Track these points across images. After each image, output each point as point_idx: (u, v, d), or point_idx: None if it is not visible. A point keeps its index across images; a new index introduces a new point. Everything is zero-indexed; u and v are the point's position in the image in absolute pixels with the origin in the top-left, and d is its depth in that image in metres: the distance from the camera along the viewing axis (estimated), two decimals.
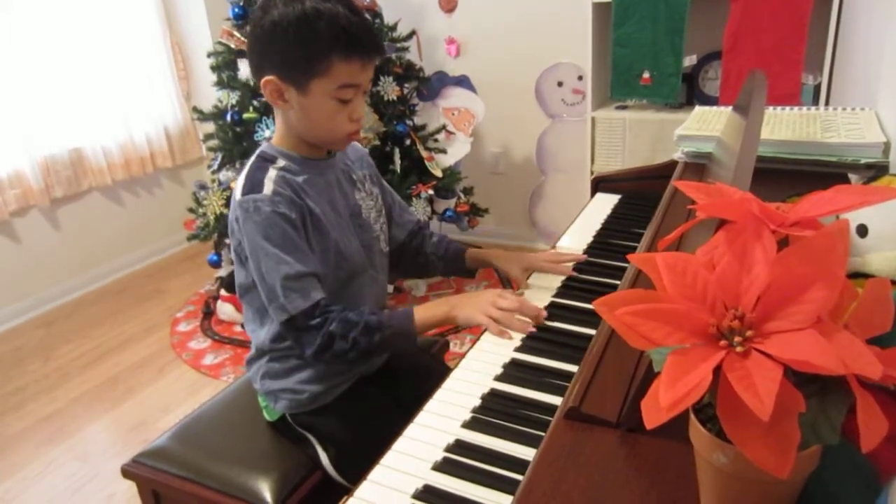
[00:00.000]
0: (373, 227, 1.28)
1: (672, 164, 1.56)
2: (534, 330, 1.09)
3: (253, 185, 1.11)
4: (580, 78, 3.00)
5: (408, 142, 2.73)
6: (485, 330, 1.15)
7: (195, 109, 2.77)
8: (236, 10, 2.51)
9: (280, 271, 1.07)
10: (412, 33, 2.80)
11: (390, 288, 2.87)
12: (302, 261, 1.09)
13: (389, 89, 2.58)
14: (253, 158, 1.17)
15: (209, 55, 2.73)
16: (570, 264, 1.33)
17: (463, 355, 1.07)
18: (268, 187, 1.10)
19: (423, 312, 1.14)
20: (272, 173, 1.12)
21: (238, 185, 1.14)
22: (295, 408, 1.24)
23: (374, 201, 1.31)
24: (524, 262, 1.33)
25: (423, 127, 2.81)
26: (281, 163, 1.15)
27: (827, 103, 2.25)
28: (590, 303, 0.96)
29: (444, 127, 2.86)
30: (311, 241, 1.14)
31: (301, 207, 1.12)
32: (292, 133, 1.17)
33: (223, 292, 2.82)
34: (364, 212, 1.26)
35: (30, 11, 2.89)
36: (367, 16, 2.61)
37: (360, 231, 1.25)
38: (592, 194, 1.78)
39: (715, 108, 1.69)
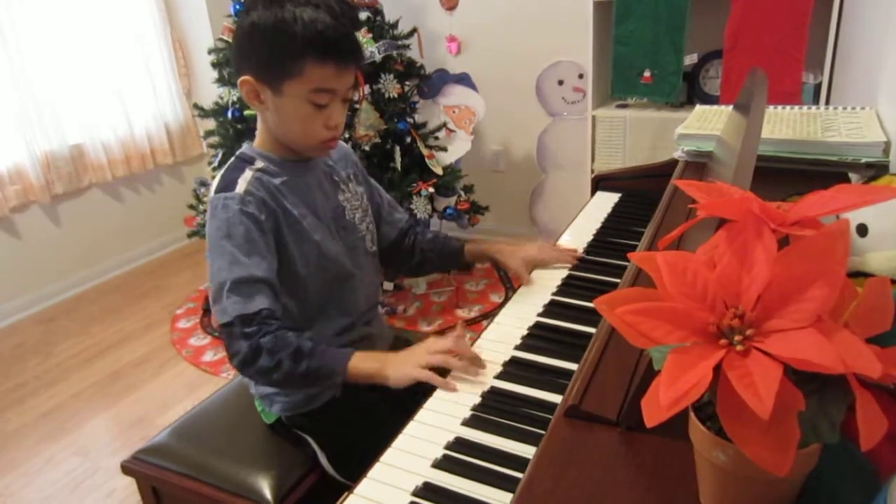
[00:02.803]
0: (358, 227, 1.27)
1: (672, 163, 1.56)
2: (474, 372, 1.01)
3: (226, 184, 1.11)
4: (581, 76, 3.00)
5: (408, 139, 2.72)
6: (485, 328, 1.15)
7: (196, 106, 2.77)
8: (237, 6, 2.51)
9: (232, 272, 1.04)
10: (413, 31, 2.80)
11: (390, 286, 2.87)
12: (258, 266, 1.06)
13: (390, 87, 2.57)
14: (232, 159, 1.16)
15: (210, 52, 2.73)
16: (573, 256, 1.36)
17: None
18: (240, 186, 1.09)
19: (359, 361, 1.06)
20: (248, 174, 1.12)
21: (213, 185, 1.14)
22: (290, 410, 1.23)
23: (360, 201, 1.29)
24: (525, 256, 1.34)
25: (424, 125, 2.81)
26: (259, 164, 1.14)
27: (827, 102, 2.25)
28: (590, 301, 0.96)
29: (444, 125, 2.85)
30: (288, 243, 1.13)
31: (274, 211, 1.11)
32: (271, 136, 1.16)
33: None
34: (348, 213, 1.25)
35: (31, 7, 2.89)
36: (368, 14, 2.61)
37: (345, 233, 1.24)
38: (593, 193, 1.78)
39: (715, 106, 1.69)
